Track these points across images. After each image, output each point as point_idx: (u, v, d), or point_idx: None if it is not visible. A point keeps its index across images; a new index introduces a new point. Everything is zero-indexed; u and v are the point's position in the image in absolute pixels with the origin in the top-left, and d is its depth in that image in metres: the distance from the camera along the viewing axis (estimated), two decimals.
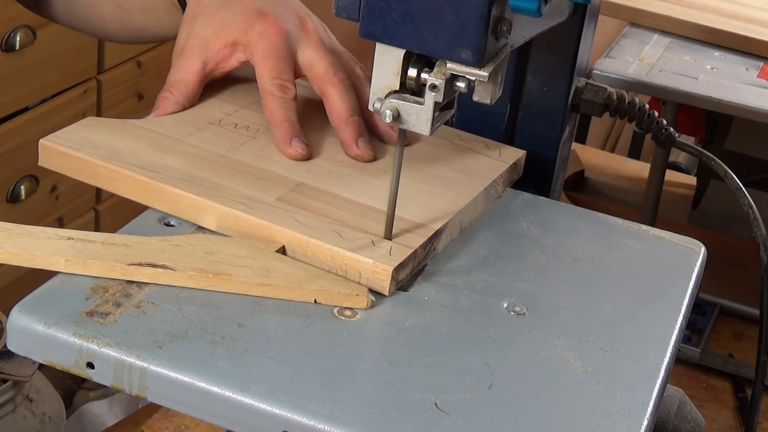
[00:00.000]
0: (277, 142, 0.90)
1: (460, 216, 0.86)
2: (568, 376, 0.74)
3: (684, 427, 0.87)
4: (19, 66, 1.93)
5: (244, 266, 0.78)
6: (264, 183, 0.85)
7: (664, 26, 1.56)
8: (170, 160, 0.85)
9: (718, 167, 1.03)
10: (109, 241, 0.78)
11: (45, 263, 0.75)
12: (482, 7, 0.72)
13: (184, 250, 0.78)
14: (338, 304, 0.77)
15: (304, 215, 0.81)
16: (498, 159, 0.94)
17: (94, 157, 0.84)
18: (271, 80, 0.91)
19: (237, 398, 0.68)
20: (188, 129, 0.91)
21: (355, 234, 0.80)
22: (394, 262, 0.78)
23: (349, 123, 0.91)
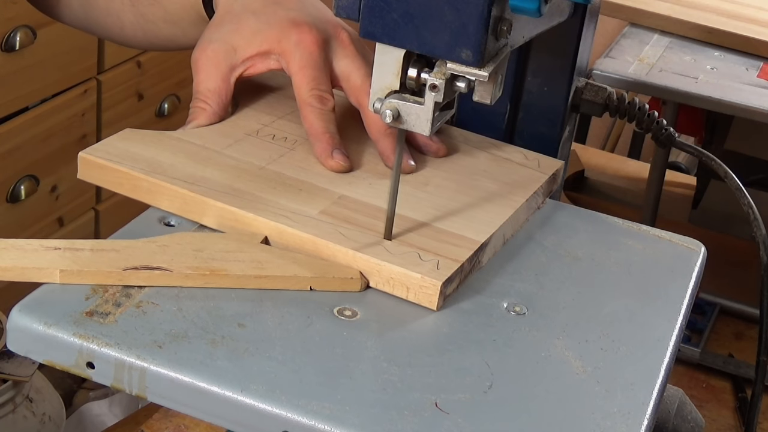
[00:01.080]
0: (318, 155, 0.89)
1: (503, 228, 0.85)
2: (568, 376, 0.74)
3: (684, 427, 0.87)
4: (19, 66, 1.93)
5: (237, 260, 0.78)
6: (306, 196, 0.84)
7: (664, 26, 1.56)
8: (211, 173, 0.85)
9: (718, 167, 1.03)
10: (97, 248, 0.77)
11: (38, 276, 0.74)
12: (482, 7, 0.72)
13: (173, 250, 0.78)
14: (333, 289, 0.77)
15: (349, 229, 0.81)
16: (537, 170, 0.93)
17: (135, 170, 0.83)
18: (310, 91, 0.90)
19: (237, 398, 0.68)
20: (226, 140, 0.90)
21: (401, 248, 0.79)
22: (443, 277, 0.77)
23: (388, 134, 0.90)
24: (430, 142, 0.93)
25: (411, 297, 0.77)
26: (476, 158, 0.94)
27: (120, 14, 1.07)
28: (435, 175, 0.90)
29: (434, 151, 0.94)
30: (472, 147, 0.95)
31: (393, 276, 0.77)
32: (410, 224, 0.83)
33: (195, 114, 0.92)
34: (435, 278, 0.77)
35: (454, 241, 0.81)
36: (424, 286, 0.77)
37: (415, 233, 0.81)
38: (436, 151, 0.94)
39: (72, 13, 1.12)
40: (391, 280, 0.77)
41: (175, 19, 1.04)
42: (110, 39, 1.13)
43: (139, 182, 0.83)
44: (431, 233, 0.82)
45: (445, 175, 0.90)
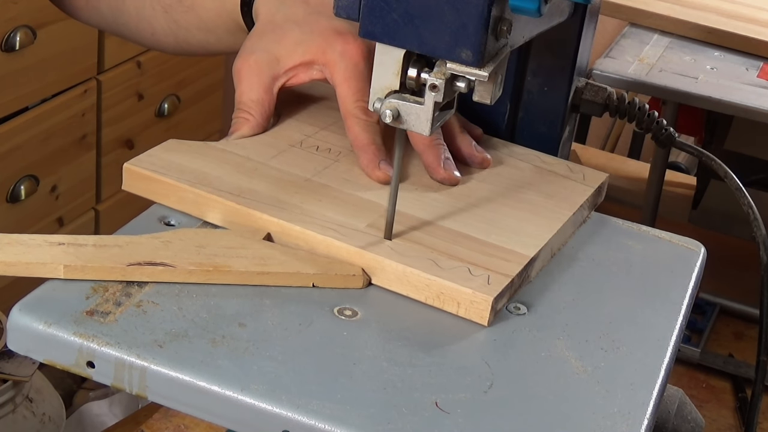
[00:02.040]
0: (364, 166, 0.88)
1: (551, 242, 0.85)
2: (568, 376, 0.74)
3: (684, 427, 0.87)
4: (19, 66, 1.93)
5: (239, 257, 0.78)
6: (353, 209, 0.83)
7: (664, 26, 1.56)
8: (257, 185, 0.84)
9: (718, 167, 1.03)
10: (100, 243, 0.77)
11: (42, 271, 0.75)
12: (482, 7, 0.72)
13: (177, 246, 0.78)
14: (336, 285, 0.77)
15: (398, 242, 0.80)
16: (582, 182, 0.93)
17: (182, 182, 0.83)
18: (355, 102, 0.89)
19: (237, 397, 0.68)
20: (271, 151, 0.89)
21: (451, 262, 0.79)
22: (494, 292, 0.76)
23: (433, 146, 0.90)
24: (475, 153, 0.93)
25: (462, 312, 0.76)
26: (521, 170, 0.93)
27: (151, 20, 1.06)
28: (481, 187, 0.90)
29: (479, 162, 0.93)
30: (517, 159, 0.95)
31: (443, 291, 0.77)
32: (458, 238, 0.82)
33: (238, 125, 0.91)
34: (486, 293, 0.76)
35: (503, 256, 0.80)
36: (476, 302, 0.76)
37: (463, 247, 0.81)
38: (482, 162, 0.93)
39: (100, 16, 1.11)
40: (442, 295, 0.77)
41: (209, 26, 1.03)
42: (140, 43, 1.12)
43: (185, 194, 0.82)
44: (480, 247, 0.81)
45: (491, 187, 0.90)
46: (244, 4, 0.98)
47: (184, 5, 1.03)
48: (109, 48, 2.13)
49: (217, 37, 1.04)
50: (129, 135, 2.27)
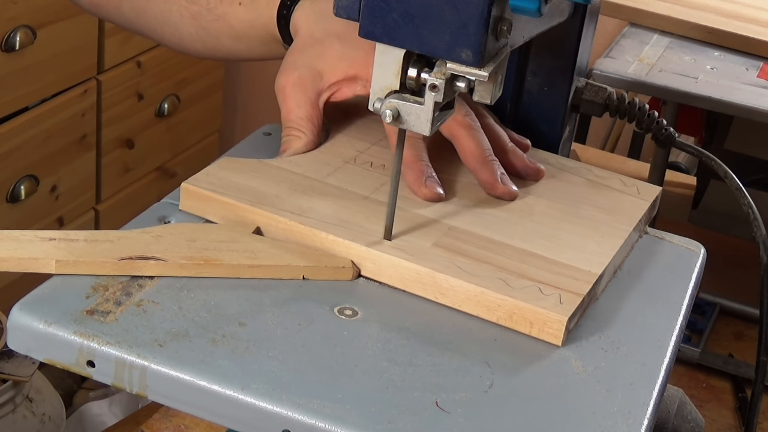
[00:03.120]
0: (411, 183, 0.87)
1: (615, 259, 0.84)
2: (568, 376, 0.74)
3: (684, 427, 0.87)
4: (19, 66, 1.93)
5: (230, 250, 0.78)
6: (415, 227, 0.83)
7: (664, 26, 1.56)
8: (316, 203, 0.83)
9: (718, 167, 1.03)
10: (92, 238, 0.77)
11: (35, 266, 0.75)
12: (482, 7, 0.72)
13: (167, 240, 0.78)
14: (325, 278, 0.77)
15: (466, 262, 0.79)
16: (637, 196, 0.92)
17: (242, 202, 0.82)
18: None
19: (238, 397, 0.68)
20: (326, 169, 0.89)
21: (521, 282, 0.78)
22: (568, 312, 0.76)
23: (487, 163, 0.89)
24: (529, 165, 0.92)
25: (534, 332, 0.76)
26: (575, 185, 0.93)
27: (179, 26, 1.05)
28: (538, 203, 0.89)
29: (534, 174, 0.92)
30: (569, 172, 0.94)
31: (516, 311, 0.76)
32: (524, 256, 0.81)
33: (290, 142, 0.91)
34: (560, 313, 0.75)
35: (571, 274, 0.80)
36: (549, 322, 0.75)
37: (530, 266, 0.80)
38: (536, 173, 0.92)
39: (122, 15, 1.09)
40: (514, 315, 0.76)
41: (240, 35, 1.02)
42: (166, 46, 1.10)
43: (245, 213, 0.82)
44: (546, 265, 0.80)
45: (547, 203, 0.89)
46: (281, 17, 0.97)
47: (214, 14, 1.02)
48: (109, 48, 2.13)
49: (248, 47, 1.02)
50: (129, 135, 2.27)
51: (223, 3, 1.01)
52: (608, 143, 2.30)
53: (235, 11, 1.00)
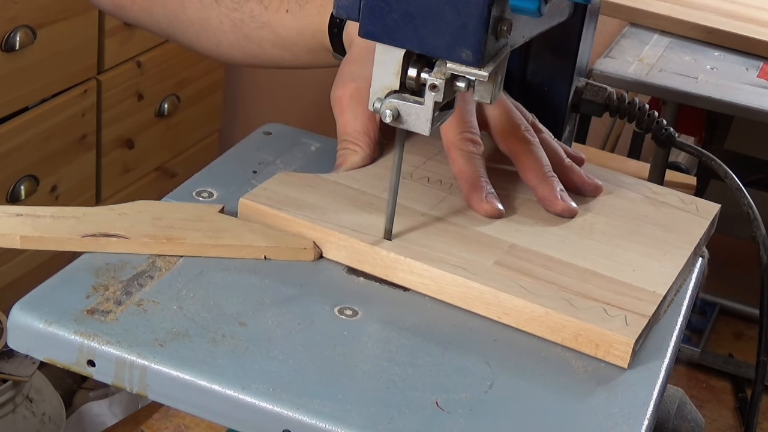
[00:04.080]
0: (470, 199, 0.86)
1: (678, 279, 0.83)
2: (569, 376, 0.74)
3: (684, 427, 0.86)
4: (19, 66, 1.93)
5: (195, 229, 0.78)
6: (476, 245, 0.81)
7: (664, 26, 1.56)
8: (375, 220, 0.82)
9: (718, 167, 1.03)
10: (58, 215, 0.77)
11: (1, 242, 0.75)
12: (482, 7, 0.72)
13: (133, 218, 0.78)
14: (287, 258, 0.77)
15: (528, 282, 0.78)
16: (696, 214, 0.91)
17: (301, 218, 0.82)
18: (460, 134, 0.87)
19: (238, 397, 0.68)
20: (383, 184, 0.87)
21: (586, 302, 0.77)
22: (634, 334, 0.74)
23: (547, 179, 0.88)
24: (587, 181, 0.91)
25: (600, 354, 0.75)
26: (633, 202, 0.92)
27: (217, 33, 1.02)
28: (597, 220, 0.88)
29: (592, 190, 0.91)
30: (626, 188, 0.93)
31: (581, 333, 0.75)
32: (586, 275, 0.80)
33: (346, 156, 0.89)
34: (627, 336, 0.74)
35: (635, 294, 0.79)
36: (616, 344, 0.74)
37: (594, 285, 0.79)
38: (595, 190, 0.91)
39: (152, 20, 1.07)
40: (579, 337, 0.75)
41: (286, 44, 0.99)
42: (200, 52, 1.08)
43: (303, 229, 0.81)
44: (610, 285, 0.79)
45: (606, 220, 0.88)
46: (333, 26, 0.95)
47: (258, 21, 0.99)
48: (109, 48, 2.13)
49: (293, 55, 1.00)
50: (129, 135, 2.27)
51: (269, 10, 0.98)
52: (608, 143, 2.30)
53: (281, 19, 0.98)
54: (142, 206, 0.80)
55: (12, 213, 0.77)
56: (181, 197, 0.86)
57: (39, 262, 2.04)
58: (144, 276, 0.77)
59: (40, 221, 0.76)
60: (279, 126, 1.00)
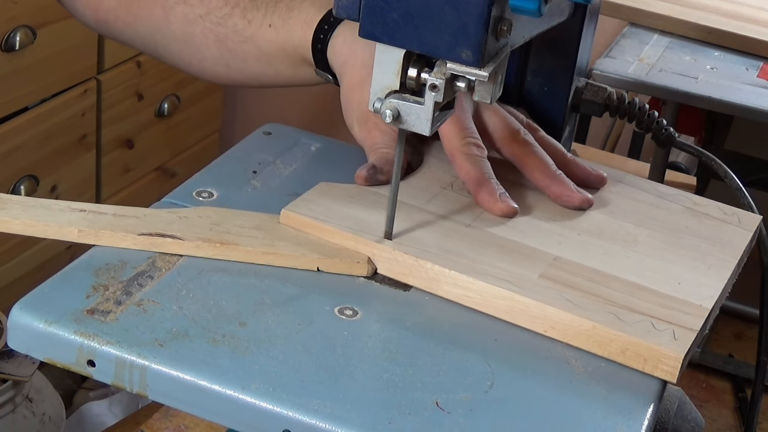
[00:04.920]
0: (483, 201, 0.86)
1: (723, 292, 0.82)
2: (569, 376, 0.74)
3: (684, 427, 0.86)
4: (19, 66, 1.93)
5: (250, 236, 0.79)
6: (520, 257, 0.81)
7: (664, 26, 1.56)
8: (419, 232, 0.82)
9: (718, 167, 1.03)
10: (120, 213, 0.80)
11: (58, 233, 0.77)
12: (482, 7, 0.72)
13: (192, 222, 0.80)
14: (340, 271, 0.78)
15: (574, 295, 0.78)
16: (739, 226, 0.91)
17: (344, 229, 0.81)
18: (463, 139, 0.88)
19: (238, 397, 0.68)
20: (424, 195, 0.87)
21: (633, 316, 0.76)
22: (683, 348, 0.74)
23: (556, 176, 0.89)
24: (592, 172, 0.92)
25: (647, 369, 0.74)
26: (674, 213, 0.91)
27: (201, 47, 1.02)
28: (639, 232, 0.87)
29: (598, 180, 0.92)
30: (667, 200, 0.93)
31: (629, 347, 0.74)
32: (632, 289, 0.80)
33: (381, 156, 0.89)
34: (676, 350, 0.74)
35: (681, 308, 0.78)
36: (665, 359, 0.74)
37: (640, 299, 0.79)
38: (600, 180, 0.92)
39: (134, 34, 1.07)
40: (627, 351, 0.74)
41: (269, 58, 0.99)
42: (181, 68, 1.07)
43: (347, 241, 0.81)
44: (656, 299, 0.79)
45: (649, 232, 0.87)
46: (317, 41, 0.95)
47: (242, 36, 0.99)
48: (109, 48, 2.13)
49: (276, 70, 1.00)
50: (129, 135, 2.27)
51: (252, 25, 0.98)
52: (608, 143, 2.30)
53: (265, 33, 0.98)
54: (204, 211, 0.82)
55: (76, 208, 0.80)
56: (181, 197, 0.86)
57: (39, 262, 2.04)
58: (144, 276, 0.77)
59: (101, 218, 0.79)
60: (279, 126, 1.00)
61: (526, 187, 0.91)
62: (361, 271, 0.78)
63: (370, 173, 0.88)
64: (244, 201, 0.87)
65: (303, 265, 0.78)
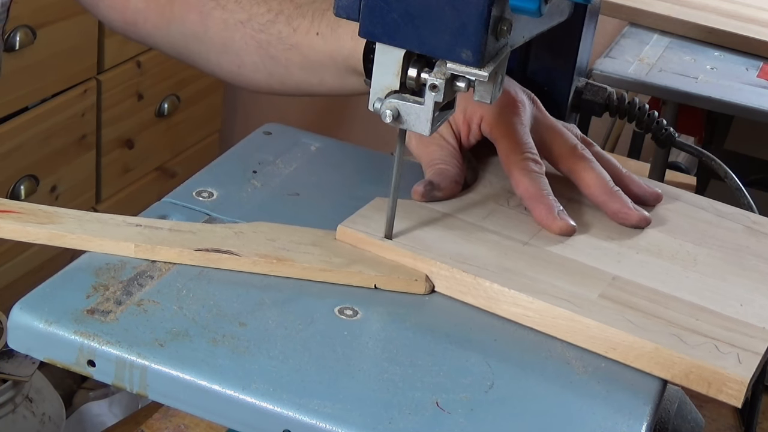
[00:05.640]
0: (542, 219, 0.85)
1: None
2: (568, 376, 0.74)
3: (684, 427, 0.86)
4: (19, 66, 1.93)
5: (307, 253, 0.79)
6: (579, 276, 0.80)
7: (664, 26, 1.56)
8: (477, 250, 0.81)
9: (718, 167, 1.04)
10: (176, 228, 0.80)
11: (115, 248, 0.77)
12: (482, 7, 0.72)
13: (248, 237, 0.80)
14: (398, 289, 0.77)
15: (635, 315, 0.77)
16: None
17: (401, 247, 0.81)
18: (522, 154, 0.87)
19: (238, 397, 0.68)
20: (480, 212, 0.87)
21: (696, 338, 0.75)
22: (749, 372, 0.73)
23: (613, 193, 0.88)
24: (647, 189, 0.91)
25: (711, 392, 0.73)
26: (734, 232, 0.90)
27: (240, 53, 0.99)
28: (699, 252, 0.86)
29: (654, 198, 0.91)
30: (726, 219, 0.92)
31: (693, 370, 0.73)
32: (694, 310, 0.79)
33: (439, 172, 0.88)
34: (741, 374, 0.73)
35: (744, 330, 0.77)
36: (730, 383, 0.73)
37: (702, 321, 0.77)
38: (656, 197, 0.91)
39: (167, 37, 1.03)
40: (691, 374, 0.73)
41: (315, 66, 0.97)
42: (218, 75, 1.04)
43: (404, 258, 0.80)
44: (718, 321, 0.78)
45: (708, 252, 0.86)
46: (369, 51, 0.92)
47: (286, 43, 0.96)
48: (109, 48, 2.13)
49: (320, 79, 0.98)
50: (129, 135, 2.27)
51: (297, 33, 0.96)
52: (608, 143, 2.30)
53: (311, 41, 0.95)
54: (259, 227, 0.81)
55: (132, 223, 0.80)
56: (182, 197, 0.86)
57: (39, 262, 2.04)
58: (144, 276, 0.77)
59: (157, 233, 0.79)
60: (279, 126, 1.00)
61: (581, 203, 0.90)
62: (419, 289, 0.78)
63: (427, 189, 0.87)
64: (245, 200, 0.87)
65: (360, 283, 0.77)
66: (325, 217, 0.86)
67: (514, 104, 0.89)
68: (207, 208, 0.86)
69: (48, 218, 0.79)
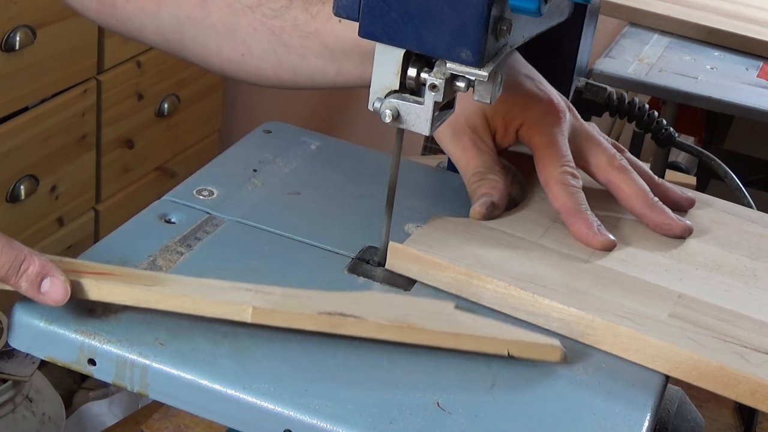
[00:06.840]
0: (580, 234, 0.84)
1: None
2: (569, 377, 0.74)
3: (684, 427, 0.86)
4: (19, 66, 1.93)
5: (431, 319, 0.75)
6: (644, 295, 0.79)
7: (664, 26, 1.56)
8: (540, 269, 0.80)
9: (718, 167, 1.04)
10: (288, 294, 0.75)
11: (231, 312, 0.72)
12: (482, 7, 0.72)
13: (366, 303, 0.76)
14: (531, 356, 0.74)
15: (698, 333, 0.75)
16: None
17: (462, 266, 0.79)
18: (560, 167, 0.86)
19: (239, 396, 0.68)
20: (537, 229, 0.85)
21: (759, 356, 0.74)
22: None
23: (654, 205, 0.87)
24: (682, 195, 0.90)
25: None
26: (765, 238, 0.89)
27: (248, 40, 0.93)
28: (757, 266, 0.86)
29: (688, 204, 0.90)
30: (761, 225, 0.91)
31: (759, 389, 0.72)
32: (761, 327, 0.78)
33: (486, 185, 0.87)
34: None
35: None
36: None
37: (765, 337, 0.77)
38: (690, 202, 0.91)
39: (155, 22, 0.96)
40: (756, 393, 0.73)
41: (335, 54, 0.91)
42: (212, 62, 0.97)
43: (464, 278, 0.79)
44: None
45: (766, 266, 0.85)
46: None
47: (303, 31, 0.91)
48: (109, 48, 2.13)
49: (339, 68, 0.92)
50: (129, 135, 2.27)
51: (316, 20, 0.90)
52: None
53: (333, 29, 0.90)
54: (373, 295, 0.78)
55: (241, 288, 0.75)
56: (182, 195, 0.86)
57: None
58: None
59: (271, 297, 0.74)
60: (279, 124, 1.00)
61: (615, 215, 0.89)
62: (554, 356, 0.74)
63: (488, 210, 0.86)
64: (245, 199, 0.87)
65: (493, 350, 0.74)
66: (325, 215, 0.86)
67: (556, 113, 0.88)
68: (207, 207, 0.86)
69: (151, 281, 0.74)
